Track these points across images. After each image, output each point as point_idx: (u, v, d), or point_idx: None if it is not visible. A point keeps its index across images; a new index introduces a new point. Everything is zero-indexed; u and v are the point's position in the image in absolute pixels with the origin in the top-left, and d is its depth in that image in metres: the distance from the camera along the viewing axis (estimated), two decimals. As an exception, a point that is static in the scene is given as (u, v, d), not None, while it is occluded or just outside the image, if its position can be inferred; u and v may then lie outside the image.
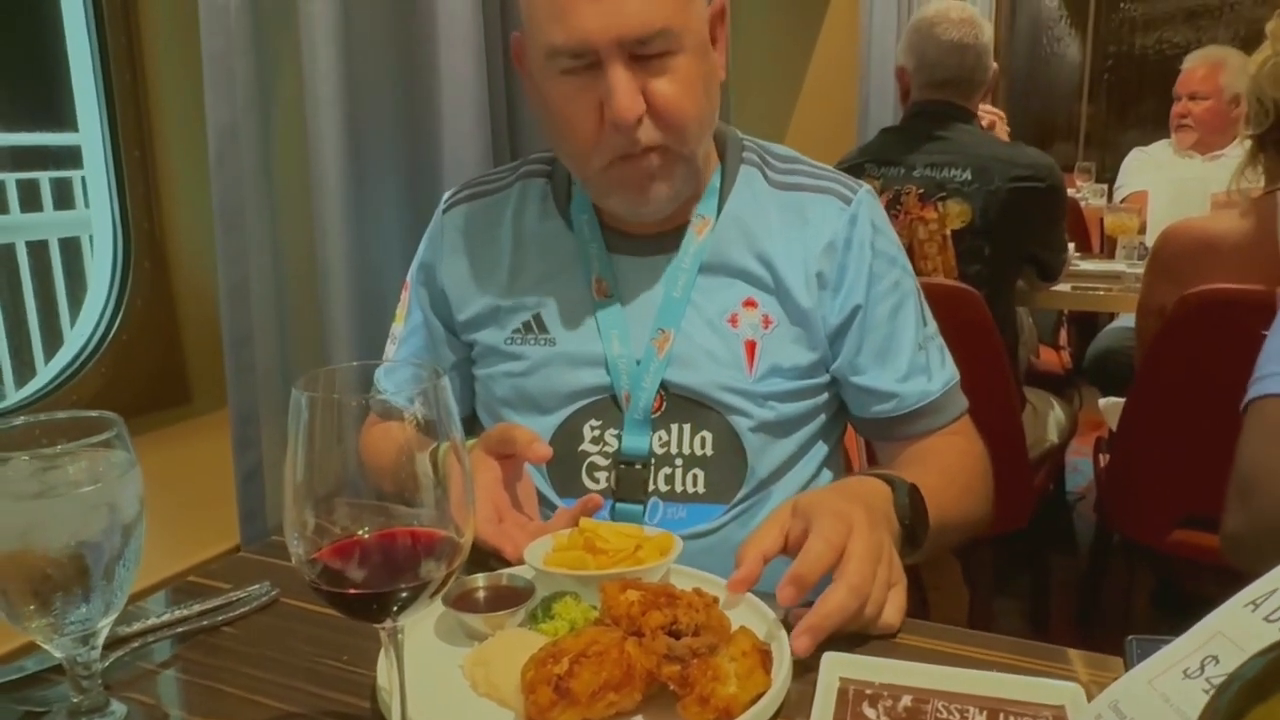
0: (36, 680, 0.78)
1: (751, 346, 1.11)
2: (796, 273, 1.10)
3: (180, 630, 0.85)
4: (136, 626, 0.84)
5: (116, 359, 2.34)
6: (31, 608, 0.65)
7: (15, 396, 2.42)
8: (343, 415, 0.57)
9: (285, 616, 0.89)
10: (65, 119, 2.26)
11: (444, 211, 1.25)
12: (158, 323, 2.42)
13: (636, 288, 1.13)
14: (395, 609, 0.58)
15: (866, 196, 1.15)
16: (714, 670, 0.65)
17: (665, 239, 1.13)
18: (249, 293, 1.41)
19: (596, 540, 0.84)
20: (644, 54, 0.99)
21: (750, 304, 1.12)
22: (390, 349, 1.35)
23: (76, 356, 2.37)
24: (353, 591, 0.57)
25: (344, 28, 1.39)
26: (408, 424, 0.57)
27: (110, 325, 2.38)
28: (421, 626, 0.80)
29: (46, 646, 0.68)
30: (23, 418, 0.68)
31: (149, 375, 2.43)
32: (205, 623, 0.86)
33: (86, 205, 2.71)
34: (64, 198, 2.95)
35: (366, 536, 0.58)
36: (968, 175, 2.18)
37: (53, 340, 2.62)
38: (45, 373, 2.41)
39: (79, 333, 2.43)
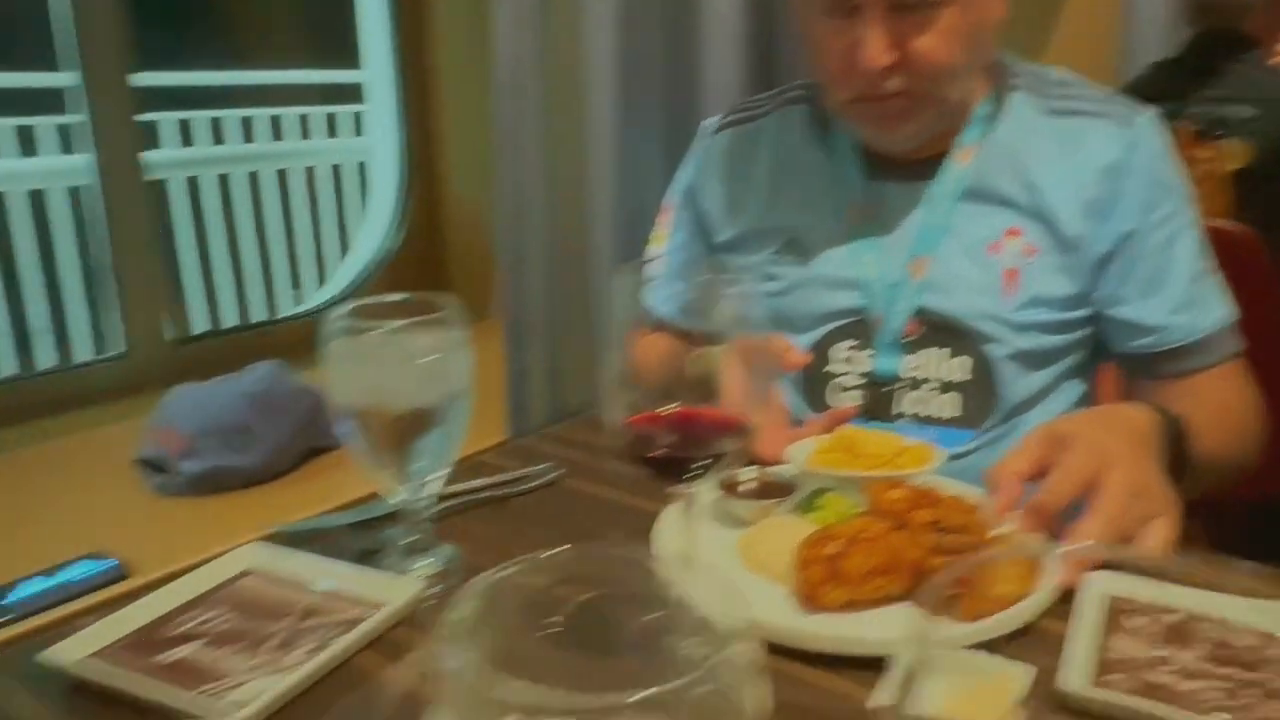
0: (374, 524, 0.92)
1: (1012, 275, 1.10)
2: (1067, 200, 1.09)
3: (484, 495, 0.97)
4: (446, 489, 0.97)
5: (394, 273, 2.59)
6: (384, 457, 0.78)
7: (310, 303, 2.73)
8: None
9: (565, 494, 1.00)
10: (351, 58, 2.50)
11: (706, 136, 1.32)
12: (429, 243, 2.65)
13: (894, 213, 1.15)
14: (694, 472, 0.66)
15: (1149, 121, 1.11)
16: (989, 568, 0.68)
17: (927, 165, 1.14)
18: (524, 215, 1.53)
19: (856, 445, 0.88)
20: (907, 3, 1.00)
21: (1014, 233, 1.11)
22: (651, 267, 1.46)
23: (361, 270, 2.64)
24: (660, 455, 0.65)
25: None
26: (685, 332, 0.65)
27: (389, 244, 2.63)
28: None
29: (388, 494, 0.81)
30: (372, 298, 0.80)
31: (419, 289, 2.68)
32: (502, 491, 0.98)
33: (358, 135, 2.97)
34: (338, 129, 3.24)
35: (670, 411, 0.66)
36: (1253, 111, 2.00)
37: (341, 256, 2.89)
38: (334, 283, 2.71)
39: (363, 249, 2.71)
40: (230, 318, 2.57)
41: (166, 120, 2.67)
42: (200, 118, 2.73)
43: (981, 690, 0.57)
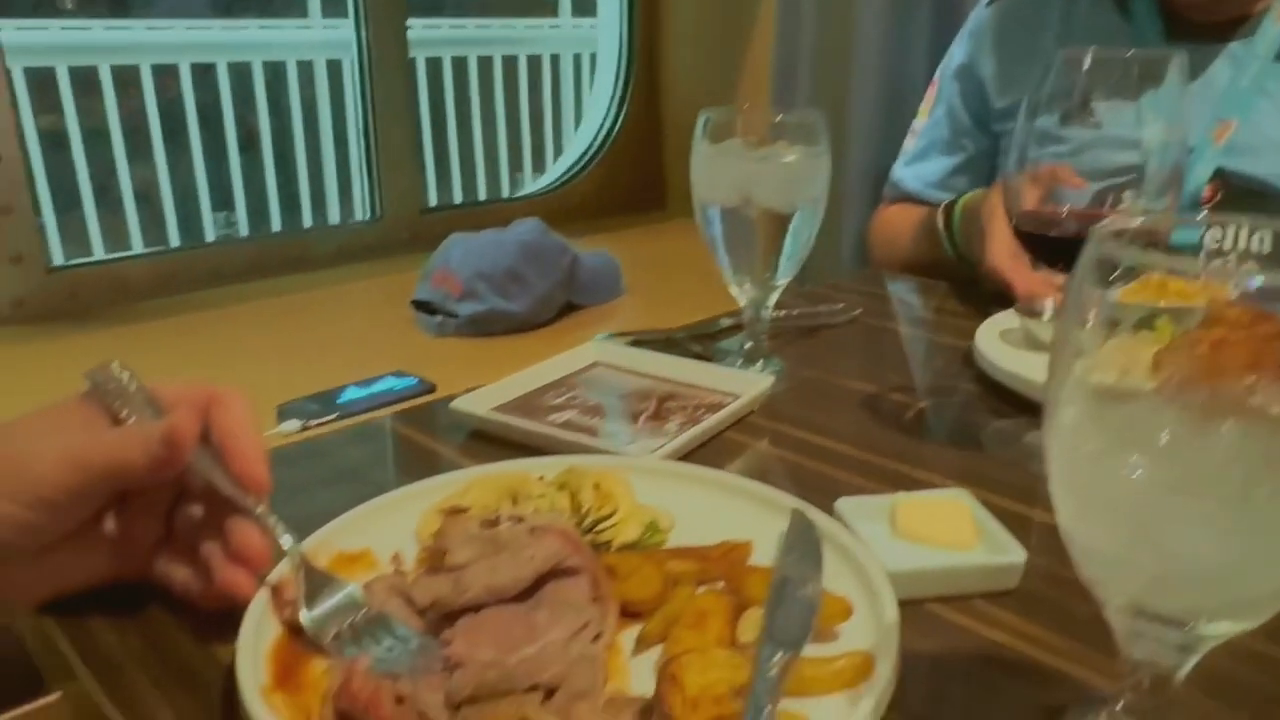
0: (702, 338, 0.98)
1: None
2: None
3: (793, 324, 1.01)
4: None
5: (609, 165, 2.66)
6: (740, 257, 0.82)
7: (528, 189, 2.83)
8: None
9: (868, 329, 1.02)
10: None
11: (986, 5, 1.31)
12: (645, 136, 2.70)
13: (1196, 76, 1.11)
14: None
15: None
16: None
17: (1228, 27, 1.10)
18: (791, 86, 1.53)
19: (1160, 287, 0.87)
20: None
21: None
22: (909, 142, 1.47)
23: (578, 159, 2.71)
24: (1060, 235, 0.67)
25: None
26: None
27: (607, 135, 2.68)
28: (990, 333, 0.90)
29: (736, 294, 0.85)
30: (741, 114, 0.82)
31: (633, 182, 2.74)
32: (810, 322, 1.02)
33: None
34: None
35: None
36: None
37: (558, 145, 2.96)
38: (553, 170, 2.80)
39: (581, 139, 2.78)
40: (458, 196, 2.69)
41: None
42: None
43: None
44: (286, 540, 0.50)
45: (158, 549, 0.53)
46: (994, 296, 0.98)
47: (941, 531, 0.55)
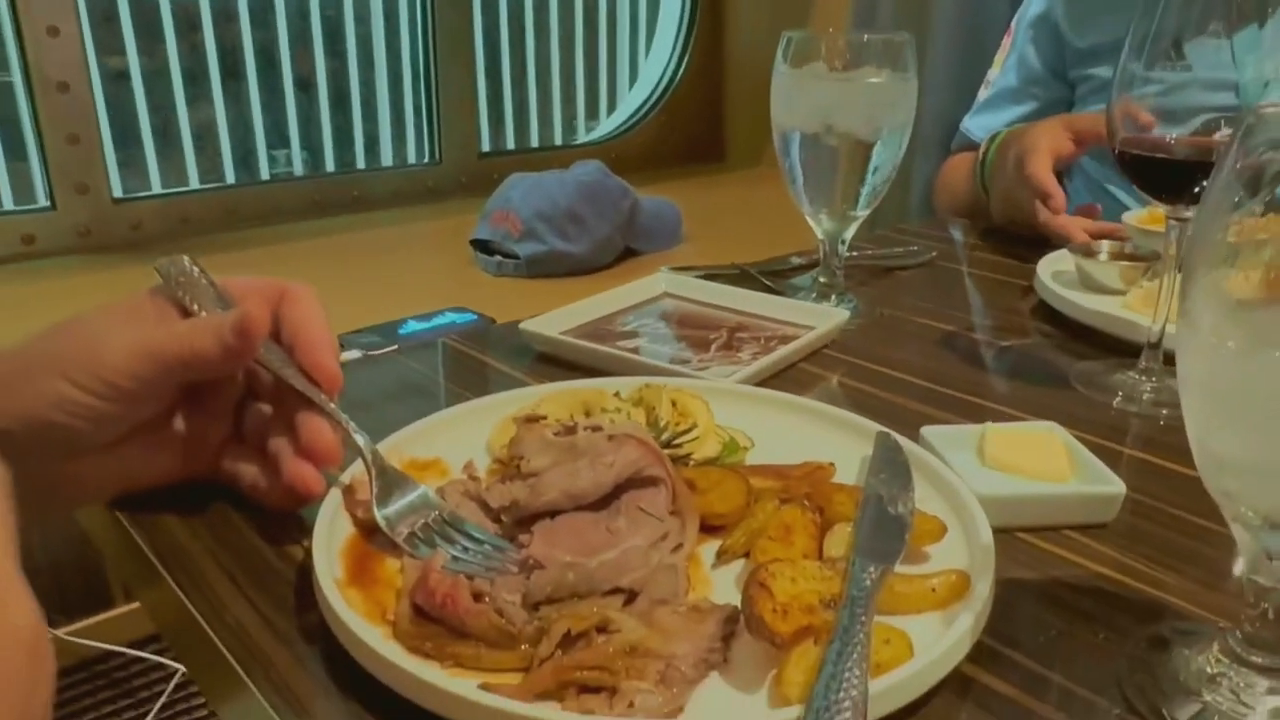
0: (792, 271, 0.96)
1: None
2: None
3: (868, 263, 0.98)
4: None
5: (670, 113, 2.61)
6: (820, 186, 0.79)
7: (584, 137, 2.80)
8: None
9: (940, 271, 0.99)
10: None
11: None
12: (707, 85, 2.64)
13: None
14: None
15: None
16: None
17: None
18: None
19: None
20: None
21: None
22: (982, 93, 1.44)
23: (638, 108, 2.67)
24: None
25: None
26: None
27: (669, 83, 2.64)
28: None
29: (812, 226, 0.83)
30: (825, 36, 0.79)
31: (693, 132, 2.69)
32: (884, 263, 0.99)
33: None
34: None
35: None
36: None
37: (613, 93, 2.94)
38: (612, 118, 2.76)
39: (641, 88, 2.73)
40: (511, 143, 2.67)
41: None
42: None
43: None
44: (360, 438, 0.49)
45: (226, 447, 0.52)
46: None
47: (1033, 462, 0.53)
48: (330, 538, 0.45)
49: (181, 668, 1.32)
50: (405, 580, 0.42)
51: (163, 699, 1.34)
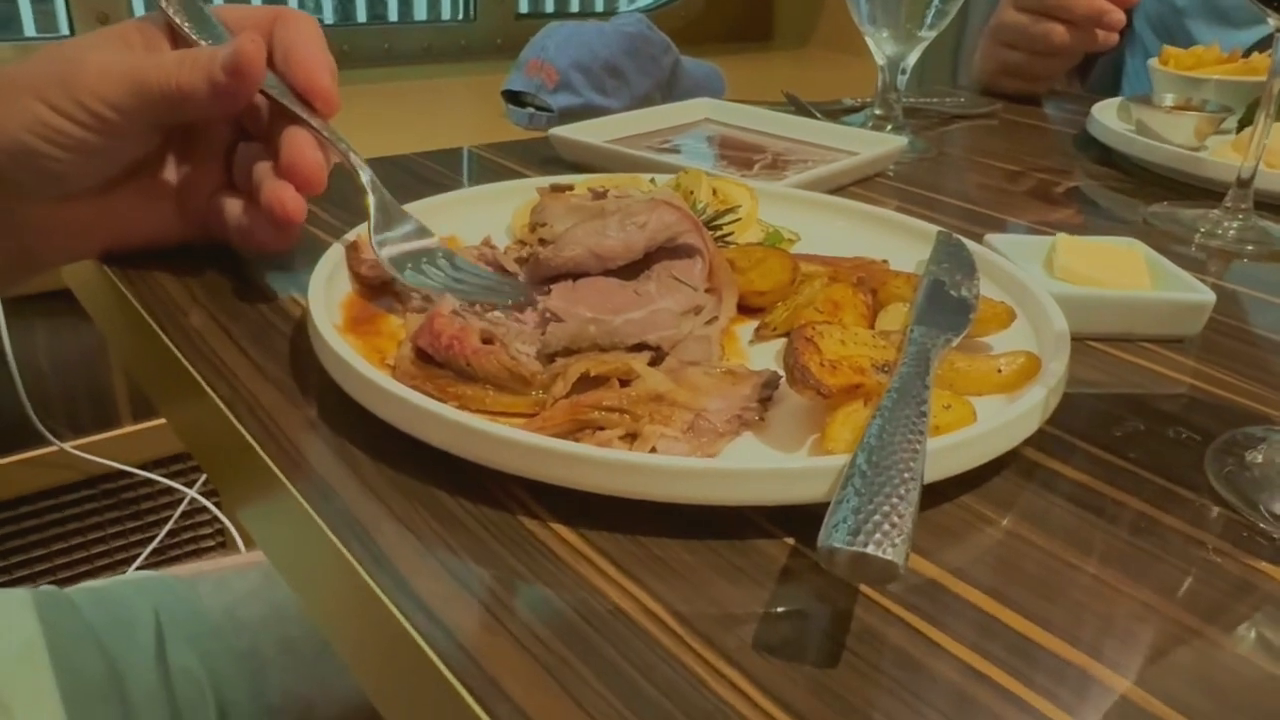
0: (846, 111, 0.89)
1: None
2: None
3: (933, 111, 0.91)
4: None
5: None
6: (886, 11, 0.72)
7: (626, 6, 2.68)
8: None
9: (1006, 124, 0.92)
10: None
11: None
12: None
13: None
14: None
15: None
16: None
17: None
18: None
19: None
20: None
21: None
22: None
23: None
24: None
25: None
26: None
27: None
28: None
29: (873, 48, 0.76)
30: None
31: (739, 7, 2.57)
32: (950, 111, 0.92)
33: None
34: None
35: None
36: None
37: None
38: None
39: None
40: (552, 4, 2.57)
41: None
42: None
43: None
44: (364, 173, 0.44)
45: (217, 195, 0.48)
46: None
47: (1111, 274, 0.47)
48: (328, 291, 0.40)
49: (190, 492, 1.31)
50: (409, 329, 0.38)
51: (170, 524, 1.33)
